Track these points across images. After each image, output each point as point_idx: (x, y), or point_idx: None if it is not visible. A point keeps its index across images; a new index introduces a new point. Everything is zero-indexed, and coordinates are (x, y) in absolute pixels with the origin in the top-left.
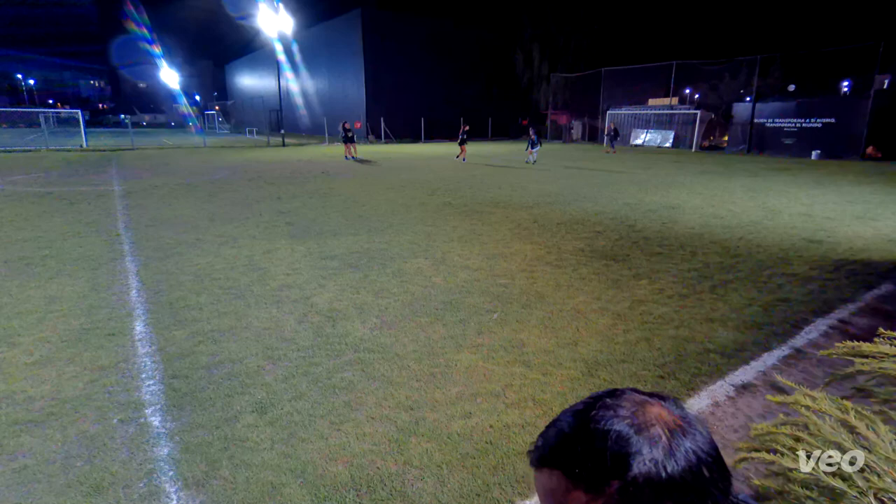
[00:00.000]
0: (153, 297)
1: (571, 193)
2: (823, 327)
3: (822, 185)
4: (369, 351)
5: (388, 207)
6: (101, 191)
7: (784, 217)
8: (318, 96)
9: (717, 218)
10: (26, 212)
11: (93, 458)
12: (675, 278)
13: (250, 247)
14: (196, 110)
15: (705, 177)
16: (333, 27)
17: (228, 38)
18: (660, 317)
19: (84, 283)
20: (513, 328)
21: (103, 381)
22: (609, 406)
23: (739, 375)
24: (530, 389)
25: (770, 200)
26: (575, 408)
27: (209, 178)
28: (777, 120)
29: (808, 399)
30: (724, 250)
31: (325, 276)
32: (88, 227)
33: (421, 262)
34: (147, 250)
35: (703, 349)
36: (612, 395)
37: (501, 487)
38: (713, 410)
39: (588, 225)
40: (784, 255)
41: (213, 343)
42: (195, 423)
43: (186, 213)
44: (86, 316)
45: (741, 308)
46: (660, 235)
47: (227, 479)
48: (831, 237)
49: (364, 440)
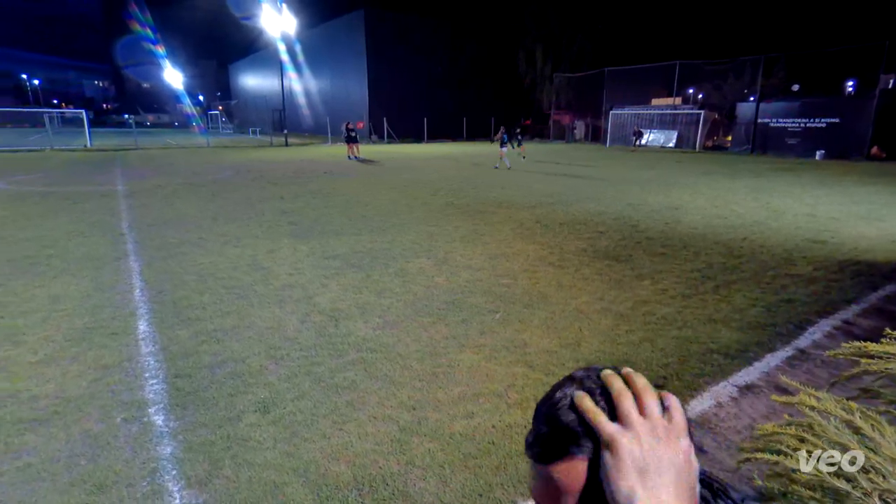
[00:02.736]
0: (156, 296)
1: (574, 194)
2: (827, 328)
3: (827, 186)
4: (372, 351)
5: (391, 207)
6: (105, 190)
7: (788, 217)
8: (321, 96)
9: (720, 218)
10: (30, 211)
11: (96, 456)
12: (678, 279)
13: (253, 246)
14: (200, 110)
15: (709, 177)
16: (336, 27)
17: (232, 38)
18: (663, 317)
19: (88, 282)
20: (515, 328)
21: (107, 379)
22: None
23: (743, 376)
24: (533, 390)
25: (774, 201)
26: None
27: (212, 177)
28: (781, 120)
29: (813, 400)
30: (727, 251)
31: (328, 276)
32: (92, 227)
33: (423, 262)
34: (150, 250)
35: (706, 350)
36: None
37: (504, 488)
38: (716, 411)
39: (591, 225)
40: (788, 256)
41: (216, 342)
42: (198, 423)
43: (190, 212)
44: (90, 315)
45: (745, 309)
46: (663, 236)
47: (229, 478)
48: (836, 238)
49: (366, 440)
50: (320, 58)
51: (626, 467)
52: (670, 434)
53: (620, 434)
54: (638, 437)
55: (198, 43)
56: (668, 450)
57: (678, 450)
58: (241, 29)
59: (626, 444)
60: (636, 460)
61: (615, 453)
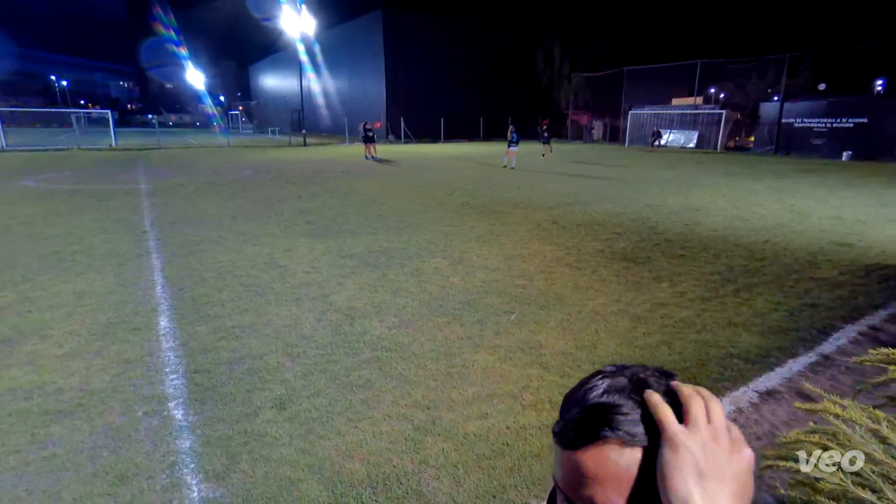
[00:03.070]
0: (177, 292)
1: (591, 194)
2: (853, 334)
3: (854, 187)
4: (387, 350)
5: (407, 207)
6: (129, 189)
7: (812, 220)
8: (339, 96)
9: (741, 220)
10: (59, 208)
11: (118, 448)
12: (697, 281)
13: (271, 245)
14: (220, 110)
15: (730, 178)
16: (354, 28)
17: (252, 39)
18: (681, 320)
19: (111, 278)
20: (531, 329)
21: (129, 374)
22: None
23: (764, 382)
24: (547, 392)
25: (798, 203)
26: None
27: (232, 177)
28: (806, 120)
29: (837, 407)
30: (748, 253)
31: (344, 275)
32: (116, 224)
33: (439, 262)
34: (171, 247)
35: (725, 354)
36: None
37: (517, 489)
38: (736, 417)
39: (608, 226)
40: (812, 259)
41: (235, 339)
42: (216, 417)
43: (210, 211)
44: (113, 310)
45: (766, 313)
46: (682, 237)
47: (246, 472)
48: (862, 241)
49: (381, 438)
50: (338, 58)
51: (686, 468)
52: (735, 443)
53: (685, 434)
54: (702, 440)
55: (219, 44)
56: (731, 458)
57: (741, 458)
58: (261, 30)
59: (691, 445)
60: (698, 463)
61: (677, 452)
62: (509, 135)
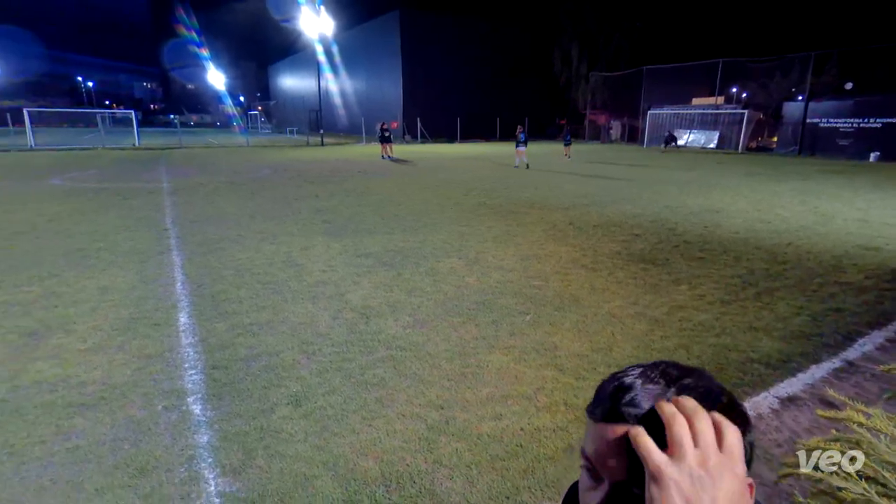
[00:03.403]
0: (196, 289)
1: (609, 195)
2: (880, 340)
3: (881, 189)
4: (401, 349)
5: (423, 207)
6: (151, 187)
7: (837, 222)
8: (357, 96)
9: (763, 222)
10: (84, 206)
11: (139, 441)
12: (716, 284)
13: (289, 243)
14: (240, 110)
15: (752, 179)
16: (372, 28)
17: (272, 40)
18: (700, 324)
19: (133, 274)
20: (546, 331)
21: (149, 368)
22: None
23: (785, 388)
24: (562, 393)
25: (822, 205)
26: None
27: (251, 176)
28: (832, 120)
29: (862, 416)
30: (770, 256)
31: (360, 274)
32: (139, 222)
33: (454, 262)
34: (192, 245)
35: (745, 359)
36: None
37: (531, 491)
38: (755, 423)
39: (626, 227)
40: (837, 263)
41: (252, 336)
42: (233, 413)
43: (229, 210)
44: (135, 306)
45: (788, 317)
46: (701, 239)
47: (262, 468)
48: (890, 244)
49: (394, 437)
50: (356, 59)
51: (671, 501)
52: (724, 464)
53: (667, 465)
54: (689, 468)
55: (239, 45)
56: (723, 480)
57: (734, 479)
58: (280, 31)
59: (676, 478)
60: (685, 495)
61: (661, 487)
62: (517, 135)
